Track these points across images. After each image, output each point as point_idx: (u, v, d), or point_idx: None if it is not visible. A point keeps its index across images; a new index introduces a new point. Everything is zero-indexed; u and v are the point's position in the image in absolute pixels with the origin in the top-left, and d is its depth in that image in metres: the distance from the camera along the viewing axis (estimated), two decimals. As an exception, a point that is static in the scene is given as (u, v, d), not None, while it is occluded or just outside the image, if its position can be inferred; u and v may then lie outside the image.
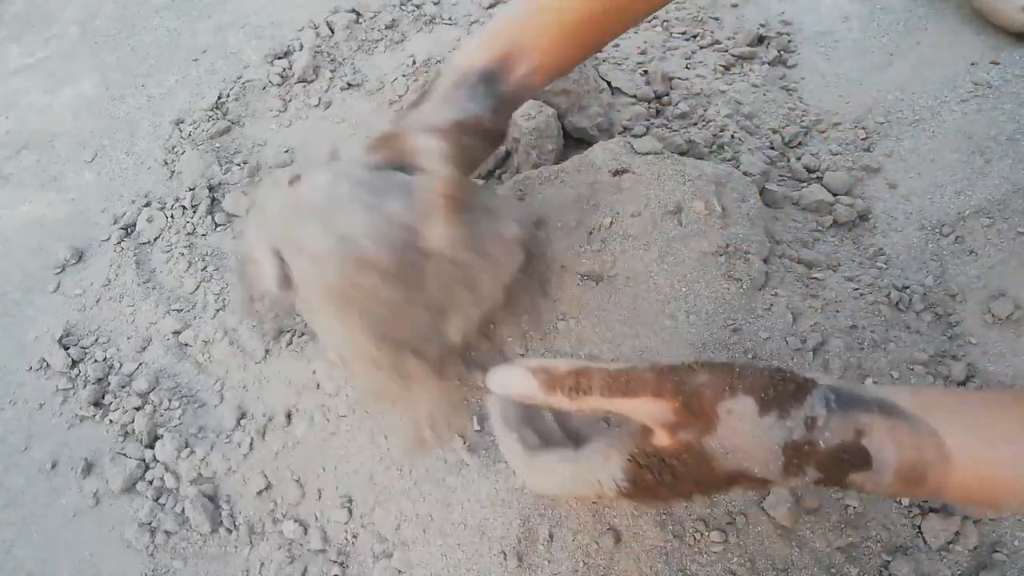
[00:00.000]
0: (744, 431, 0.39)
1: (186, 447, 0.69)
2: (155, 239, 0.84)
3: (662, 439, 0.40)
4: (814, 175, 0.87)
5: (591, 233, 0.70)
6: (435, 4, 1.07)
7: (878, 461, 0.39)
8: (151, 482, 0.68)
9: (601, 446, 0.43)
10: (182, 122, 0.96)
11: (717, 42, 1.00)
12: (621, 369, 0.41)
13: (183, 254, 0.81)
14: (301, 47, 1.01)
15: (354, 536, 0.63)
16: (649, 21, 1.04)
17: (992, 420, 0.40)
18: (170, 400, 0.72)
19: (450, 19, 1.05)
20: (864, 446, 0.39)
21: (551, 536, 0.59)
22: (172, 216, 0.85)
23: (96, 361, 0.76)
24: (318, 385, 0.70)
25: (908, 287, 0.75)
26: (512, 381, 0.43)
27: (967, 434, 0.40)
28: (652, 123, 0.88)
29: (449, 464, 0.63)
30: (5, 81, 1.07)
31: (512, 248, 0.54)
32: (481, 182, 0.82)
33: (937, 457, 0.39)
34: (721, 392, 0.39)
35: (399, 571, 0.60)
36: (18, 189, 0.94)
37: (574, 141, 0.87)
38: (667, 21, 1.03)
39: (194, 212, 0.85)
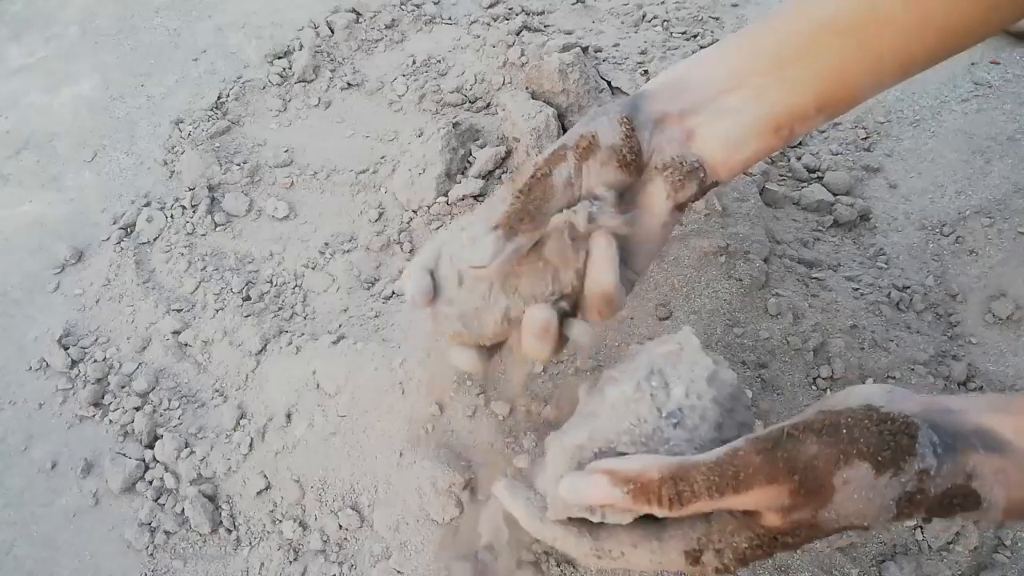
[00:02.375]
0: (860, 497, 0.36)
1: (186, 447, 0.69)
2: (155, 239, 0.84)
3: (772, 520, 0.38)
4: (814, 175, 0.87)
5: (591, 233, 0.70)
6: (435, 4, 1.07)
7: (987, 502, 0.38)
8: (151, 482, 0.68)
9: (687, 530, 0.39)
10: (182, 122, 0.96)
11: (717, 42, 1.00)
12: (722, 461, 0.37)
13: (183, 254, 0.81)
14: (301, 47, 1.01)
15: (354, 536, 0.63)
16: (649, 21, 1.04)
17: None
18: (170, 400, 0.72)
19: (450, 19, 1.05)
20: (974, 489, 0.37)
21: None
22: (172, 216, 0.85)
23: (96, 361, 0.76)
24: (318, 385, 0.70)
25: (908, 287, 0.75)
26: (591, 492, 0.38)
27: None
28: (652, 123, 0.88)
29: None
30: (5, 81, 1.06)
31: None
32: (480, 182, 0.82)
33: None
34: (835, 463, 0.36)
35: (398, 571, 0.60)
36: (18, 189, 0.94)
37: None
38: (667, 21, 1.03)
39: (194, 212, 0.85)
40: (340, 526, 0.64)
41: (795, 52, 0.45)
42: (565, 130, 0.85)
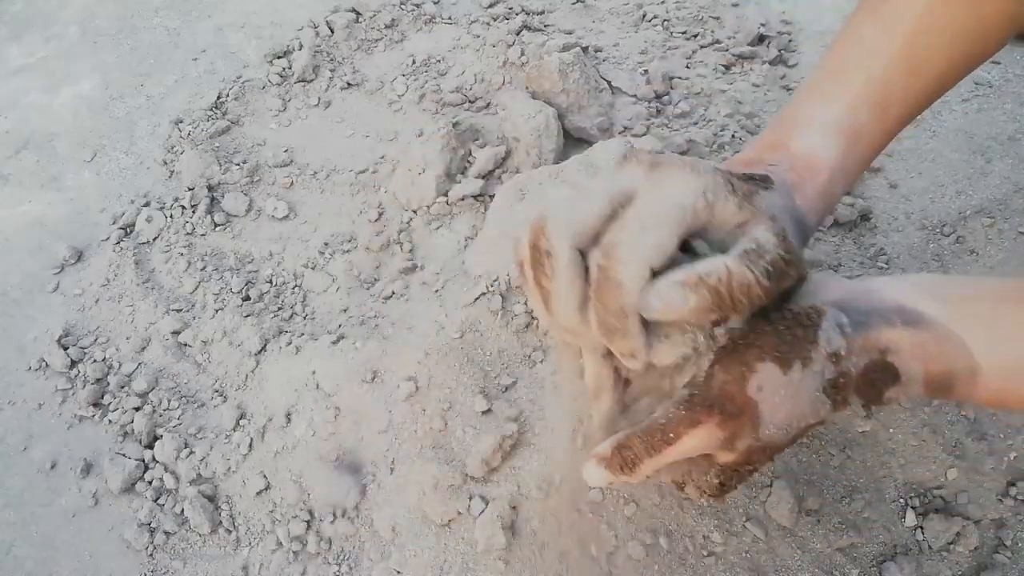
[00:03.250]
0: (783, 398, 0.37)
1: (185, 447, 0.69)
2: (154, 239, 0.84)
3: (723, 457, 0.39)
4: (814, 175, 0.87)
5: (591, 233, 0.70)
6: (435, 3, 1.07)
7: (906, 375, 0.38)
8: (150, 482, 0.68)
9: (673, 468, 0.42)
10: (181, 122, 0.96)
11: (717, 41, 1.00)
12: (650, 424, 0.39)
13: (182, 254, 0.81)
14: (301, 47, 1.01)
15: (353, 537, 0.63)
16: (649, 20, 1.04)
17: (1022, 320, 0.39)
18: (169, 400, 0.72)
19: (450, 18, 1.05)
20: (890, 363, 0.38)
21: (541, 512, 0.58)
22: (171, 216, 0.85)
23: (95, 361, 0.76)
24: (318, 385, 0.70)
25: (909, 287, 0.75)
26: (592, 479, 0.41)
27: (996, 341, 0.39)
28: (652, 123, 0.88)
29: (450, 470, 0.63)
30: (5, 81, 1.06)
31: None
32: (480, 182, 0.81)
33: (965, 367, 0.38)
34: (742, 377, 0.37)
35: (398, 572, 0.60)
36: (18, 189, 0.94)
37: (574, 141, 0.87)
38: (667, 20, 1.03)
39: (193, 212, 0.85)
40: (340, 526, 0.64)
41: (882, 94, 0.49)
42: (565, 130, 0.85)
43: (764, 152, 0.49)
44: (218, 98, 0.98)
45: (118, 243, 0.84)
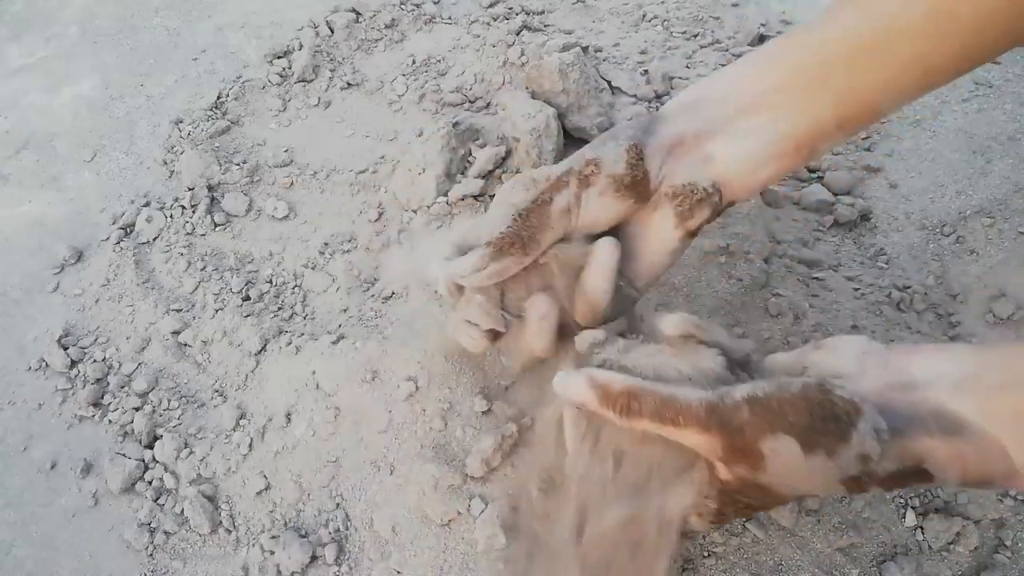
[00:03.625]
0: (794, 469, 0.37)
1: (185, 447, 0.69)
2: (154, 239, 0.84)
3: (721, 472, 0.39)
4: (815, 175, 0.87)
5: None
6: (435, 3, 1.07)
7: (940, 478, 0.37)
8: (150, 482, 0.68)
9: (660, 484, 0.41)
10: (181, 122, 0.96)
11: (718, 41, 1.00)
12: (671, 397, 0.39)
13: (182, 254, 0.81)
14: (301, 47, 1.01)
15: (353, 537, 0.63)
16: (649, 20, 1.04)
17: None
18: (169, 400, 0.72)
19: (450, 18, 1.05)
20: (925, 469, 0.37)
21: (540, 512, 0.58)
22: (171, 216, 0.85)
23: (95, 361, 0.76)
24: (318, 385, 0.70)
25: (909, 287, 0.75)
26: (573, 388, 0.42)
27: None
28: (652, 123, 0.88)
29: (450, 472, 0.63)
30: (5, 81, 1.06)
31: None
32: (480, 182, 0.82)
33: (1005, 470, 0.37)
34: (761, 433, 0.37)
35: (398, 572, 0.60)
36: (18, 189, 0.94)
37: (574, 141, 0.87)
38: (667, 20, 1.03)
39: (193, 212, 0.85)
40: (340, 526, 0.64)
41: (814, 71, 0.45)
42: (565, 130, 0.85)
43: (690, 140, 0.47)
44: (218, 98, 0.98)
45: (118, 243, 0.84)
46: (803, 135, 0.46)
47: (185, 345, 0.76)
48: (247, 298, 0.78)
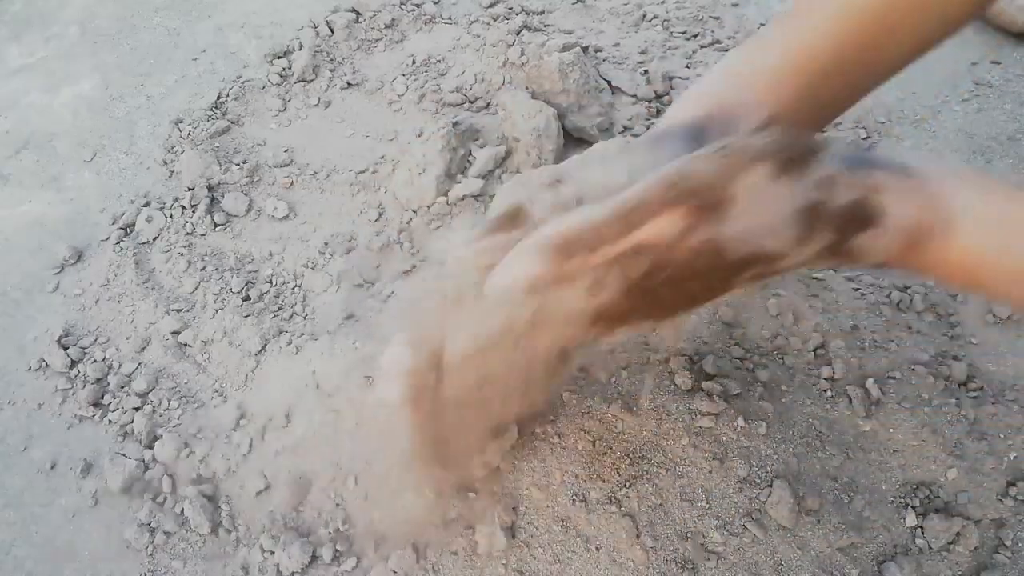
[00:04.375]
0: (760, 202, 0.37)
1: (185, 447, 0.69)
2: (154, 239, 0.84)
3: (670, 253, 0.37)
4: (815, 175, 0.87)
5: (591, 233, 0.70)
6: (435, 3, 1.07)
7: (886, 217, 0.38)
8: (150, 482, 0.68)
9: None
10: (181, 122, 0.96)
11: (718, 41, 1.00)
12: (624, 200, 0.37)
13: (182, 254, 0.81)
14: (301, 47, 1.01)
15: (353, 537, 0.63)
16: (649, 20, 1.04)
17: (1013, 209, 0.39)
18: (169, 400, 0.72)
19: (450, 18, 1.05)
20: (876, 202, 0.38)
21: (540, 515, 0.58)
22: (171, 216, 0.85)
23: (95, 361, 0.76)
24: (318, 385, 0.70)
25: (909, 287, 0.75)
26: (520, 270, 0.39)
27: (980, 211, 0.39)
28: (652, 123, 0.88)
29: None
30: (5, 81, 1.06)
31: None
32: (480, 182, 0.82)
33: (942, 224, 0.38)
34: (735, 171, 0.36)
35: (397, 572, 0.60)
36: (18, 189, 0.94)
37: (574, 141, 0.87)
38: (667, 21, 1.03)
39: (193, 212, 0.85)
40: (339, 527, 0.64)
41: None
42: (565, 130, 0.85)
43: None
44: (218, 98, 0.98)
45: (118, 243, 0.84)
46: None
47: (185, 345, 0.76)
48: (247, 298, 0.78)
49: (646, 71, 0.95)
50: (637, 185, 0.38)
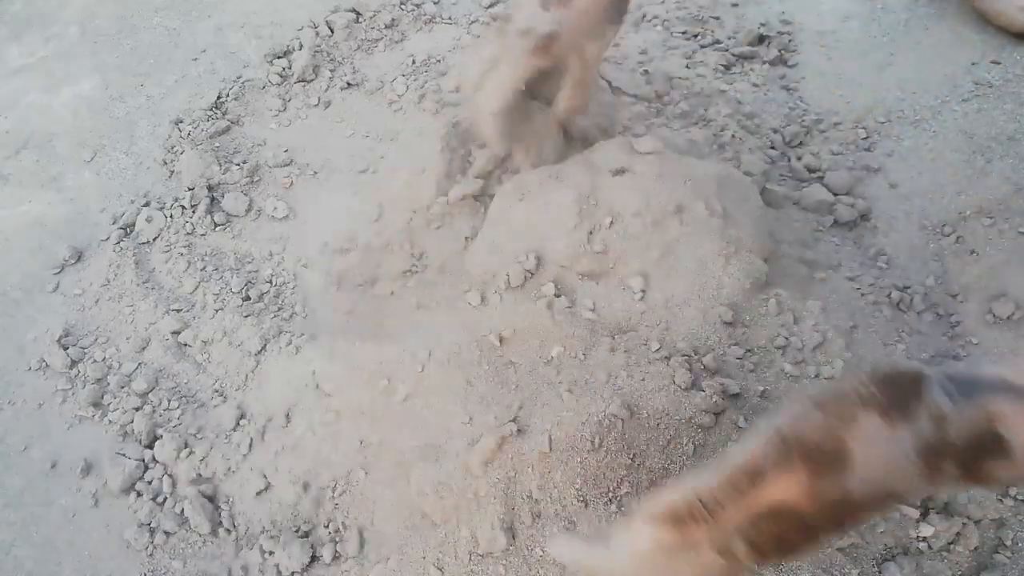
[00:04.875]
0: (879, 451, 0.37)
1: (185, 447, 0.69)
2: (154, 239, 0.84)
3: (802, 507, 0.38)
4: (815, 175, 0.87)
5: (591, 233, 0.70)
6: (435, 3, 1.07)
7: (1015, 445, 0.38)
8: (150, 482, 0.68)
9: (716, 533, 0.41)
10: (181, 122, 0.96)
11: (718, 41, 1.00)
12: (735, 468, 0.39)
13: (182, 254, 0.81)
14: (301, 47, 1.01)
15: (353, 537, 0.63)
16: (649, 20, 1.04)
17: None
18: (169, 400, 0.72)
19: (450, 18, 1.05)
20: (999, 432, 0.37)
21: (539, 514, 0.58)
22: (171, 216, 0.85)
23: (95, 361, 0.76)
24: (317, 385, 0.70)
25: (909, 287, 0.75)
26: (641, 541, 0.41)
27: None
28: (652, 123, 0.88)
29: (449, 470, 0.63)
30: (5, 81, 1.06)
31: None
32: (480, 182, 0.81)
33: None
34: (845, 424, 0.37)
35: (397, 572, 0.60)
36: (18, 189, 0.94)
37: (574, 141, 0.87)
38: (667, 21, 1.03)
39: (193, 212, 0.85)
40: (339, 526, 0.64)
41: None
42: (565, 130, 0.85)
43: None
44: (218, 98, 0.98)
45: (118, 243, 0.84)
46: None
47: (185, 345, 0.76)
48: (247, 298, 0.78)
49: (646, 71, 0.95)
50: (743, 448, 0.39)
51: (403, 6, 1.06)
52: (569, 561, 0.46)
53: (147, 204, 0.88)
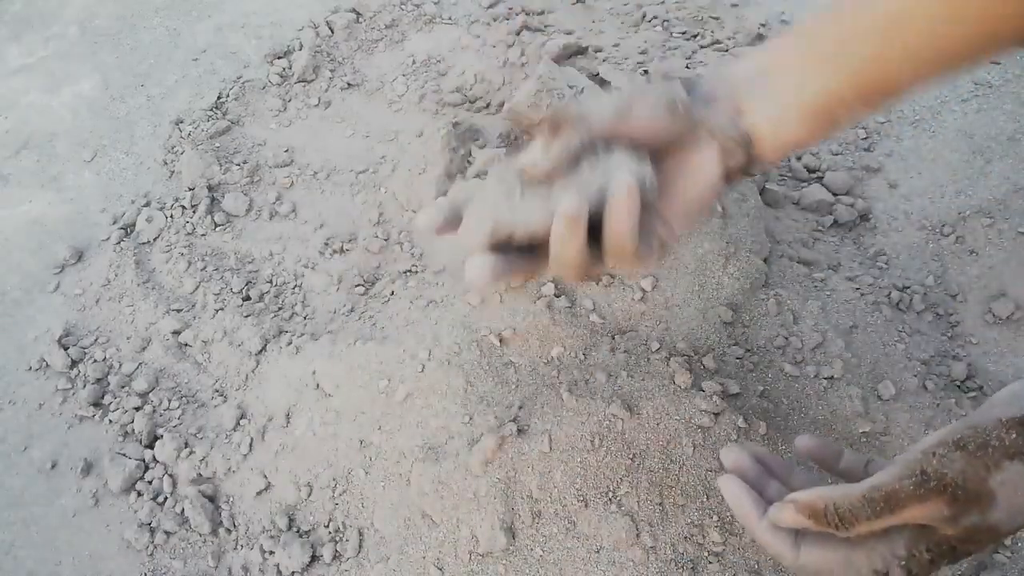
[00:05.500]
0: (1020, 493, 0.38)
1: (186, 447, 0.69)
2: (155, 239, 0.84)
3: (945, 529, 0.40)
4: (814, 175, 0.87)
5: (591, 233, 0.70)
6: (435, 4, 1.07)
7: None
8: (151, 482, 0.68)
9: (873, 542, 0.42)
10: (182, 122, 0.96)
11: (717, 41, 1.00)
12: (871, 490, 0.40)
13: (183, 254, 0.81)
14: (301, 47, 1.01)
15: (353, 537, 0.63)
16: (649, 21, 1.04)
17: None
18: (169, 400, 0.72)
19: (450, 19, 1.05)
20: None
21: (539, 514, 0.59)
22: (172, 216, 0.85)
23: (96, 361, 0.76)
24: (318, 385, 0.70)
25: (909, 287, 0.75)
26: (785, 517, 0.44)
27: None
28: (652, 123, 0.88)
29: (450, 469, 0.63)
30: (5, 81, 1.06)
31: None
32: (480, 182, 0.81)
33: None
34: (986, 471, 0.38)
35: (397, 572, 0.60)
36: (18, 189, 0.94)
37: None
38: (667, 21, 1.03)
39: (194, 212, 0.85)
40: (339, 526, 0.64)
41: (832, 43, 0.48)
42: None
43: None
44: (218, 98, 0.98)
45: (118, 243, 0.84)
46: (822, 104, 0.48)
47: (185, 345, 0.76)
48: (247, 298, 0.78)
49: (646, 71, 0.95)
50: (885, 474, 0.41)
51: (403, 6, 1.06)
52: (731, 501, 0.48)
53: (147, 204, 0.88)
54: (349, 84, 0.98)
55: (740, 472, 0.49)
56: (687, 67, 0.96)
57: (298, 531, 0.64)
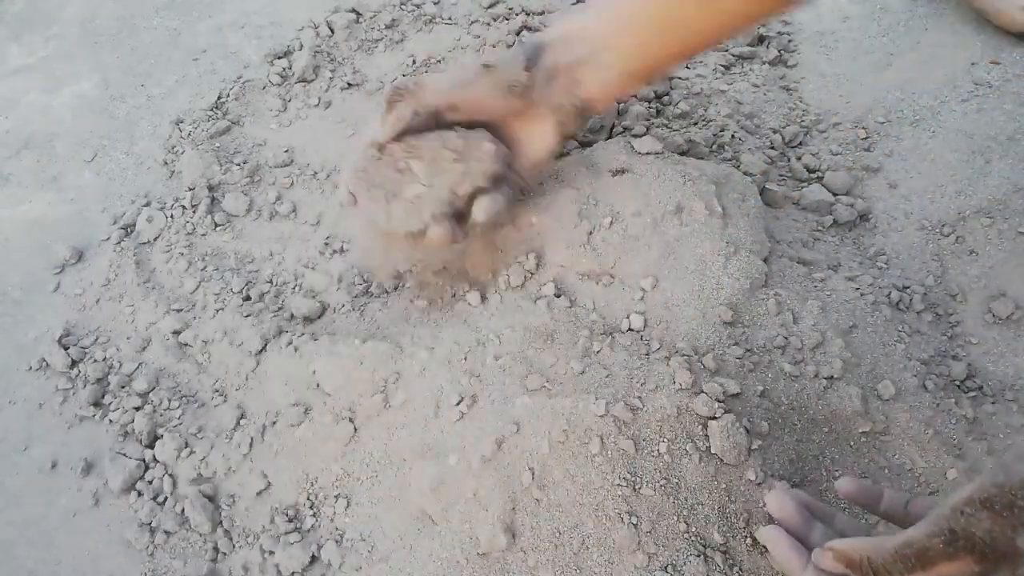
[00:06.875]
0: None
1: (186, 447, 0.69)
2: (155, 239, 0.84)
3: None
4: (814, 175, 0.87)
5: (591, 233, 0.70)
6: (435, 4, 1.07)
7: None
8: (151, 482, 0.68)
9: None
10: (182, 122, 0.96)
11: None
12: (903, 546, 0.42)
13: (183, 254, 0.81)
14: (301, 47, 1.01)
15: (353, 538, 0.63)
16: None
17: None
18: (170, 400, 0.72)
19: (450, 19, 1.05)
20: None
21: (540, 514, 0.59)
22: (172, 216, 0.85)
23: (96, 361, 0.76)
24: (318, 385, 0.70)
25: (908, 287, 0.75)
26: (826, 564, 0.46)
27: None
28: (652, 123, 0.88)
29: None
30: (5, 81, 1.06)
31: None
32: None
33: None
34: (1013, 530, 0.39)
35: (396, 572, 0.60)
36: (18, 189, 0.94)
37: (574, 141, 0.87)
38: (667, 21, 1.03)
39: (194, 212, 0.85)
40: (340, 526, 0.64)
41: (642, 19, 0.62)
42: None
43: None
44: (218, 98, 0.98)
45: (118, 243, 0.84)
46: (640, 68, 0.64)
47: (186, 345, 0.76)
48: (247, 298, 0.78)
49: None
50: (915, 530, 0.42)
51: (403, 6, 1.06)
52: (773, 551, 0.51)
53: (147, 204, 0.88)
54: (349, 84, 0.98)
55: (785, 518, 0.51)
56: (687, 66, 0.96)
57: (298, 531, 0.64)
